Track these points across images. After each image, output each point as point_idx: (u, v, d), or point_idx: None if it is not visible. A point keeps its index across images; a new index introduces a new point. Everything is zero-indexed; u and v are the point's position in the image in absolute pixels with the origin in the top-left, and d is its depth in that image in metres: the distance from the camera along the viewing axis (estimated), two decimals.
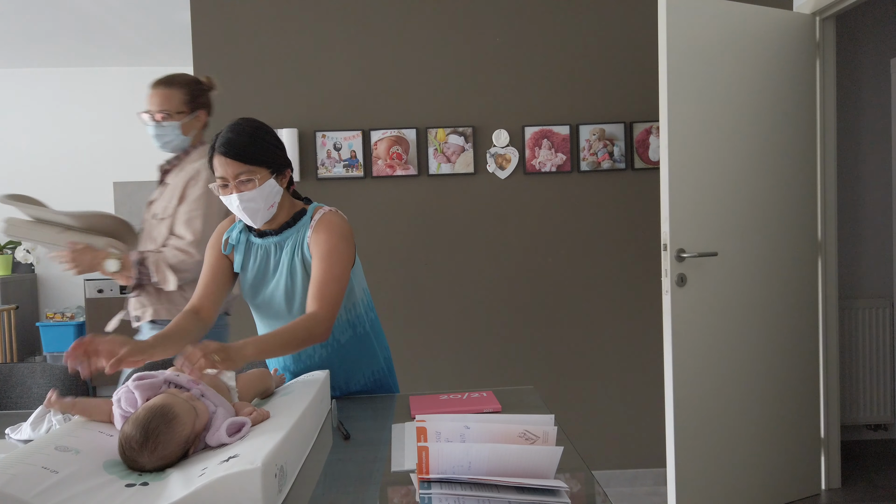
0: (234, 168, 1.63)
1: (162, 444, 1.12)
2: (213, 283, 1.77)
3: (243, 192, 1.64)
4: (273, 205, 1.71)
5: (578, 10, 3.21)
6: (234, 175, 1.63)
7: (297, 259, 1.73)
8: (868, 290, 3.76)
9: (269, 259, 1.76)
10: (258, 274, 1.77)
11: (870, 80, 3.72)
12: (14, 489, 0.94)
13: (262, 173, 1.65)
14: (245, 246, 1.78)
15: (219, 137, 1.66)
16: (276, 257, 1.76)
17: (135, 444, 1.11)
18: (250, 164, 1.63)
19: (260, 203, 1.66)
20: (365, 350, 1.85)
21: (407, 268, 3.22)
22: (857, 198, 3.74)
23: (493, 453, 1.03)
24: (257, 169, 1.64)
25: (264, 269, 1.77)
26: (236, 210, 1.67)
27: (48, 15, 4.13)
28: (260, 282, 1.78)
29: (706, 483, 2.76)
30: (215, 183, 1.67)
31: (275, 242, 1.76)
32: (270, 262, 1.76)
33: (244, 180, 1.63)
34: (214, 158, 1.65)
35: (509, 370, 3.24)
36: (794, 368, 3.00)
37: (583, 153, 3.22)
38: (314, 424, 1.42)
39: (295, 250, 1.73)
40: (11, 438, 1.43)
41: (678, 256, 2.69)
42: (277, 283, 1.75)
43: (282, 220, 1.76)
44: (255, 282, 1.78)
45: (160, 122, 2.33)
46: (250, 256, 1.78)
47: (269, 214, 1.71)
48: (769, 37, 2.89)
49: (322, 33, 3.17)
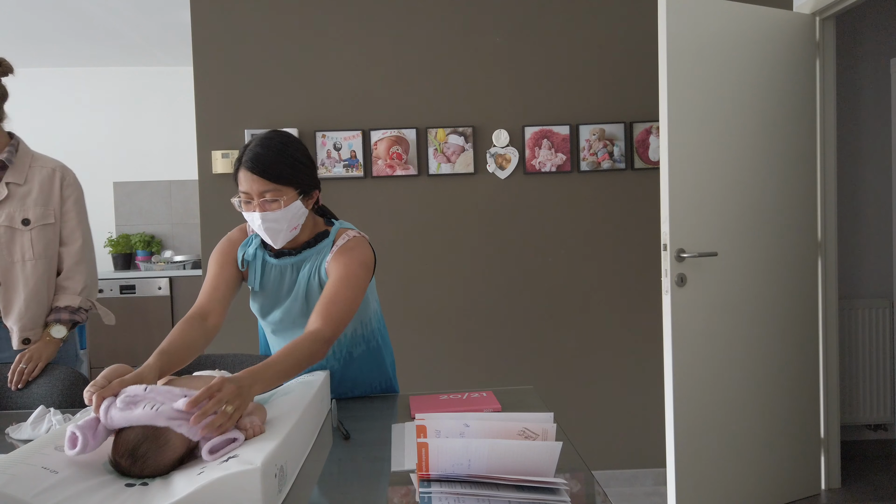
0: (261, 185, 1.55)
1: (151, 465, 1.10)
2: (221, 288, 1.67)
3: (267, 212, 1.56)
4: (297, 227, 1.63)
5: (578, 11, 3.21)
6: (260, 193, 1.55)
7: (315, 281, 1.67)
8: (868, 290, 3.76)
9: (283, 279, 1.70)
10: (272, 294, 1.72)
11: (870, 80, 3.72)
12: (14, 489, 0.94)
13: (288, 194, 1.57)
14: (261, 263, 1.71)
15: (247, 150, 1.57)
16: (292, 278, 1.69)
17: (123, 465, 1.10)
18: (278, 184, 1.55)
19: (283, 224, 1.59)
20: (376, 362, 1.84)
21: (407, 268, 3.22)
22: (857, 198, 3.74)
23: (492, 450, 1.03)
24: (284, 189, 1.56)
25: (278, 289, 1.71)
26: (257, 228, 1.60)
27: (48, 15, 4.13)
28: (273, 302, 1.73)
29: (706, 483, 2.76)
30: (237, 198, 1.60)
31: (291, 263, 1.69)
32: (285, 282, 1.70)
33: (269, 199, 1.55)
34: (240, 172, 1.57)
35: (509, 370, 3.24)
36: (794, 368, 3.00)
37: (583, 153, 3.22)
38: (314, 424, 1.42)
39: (312, 273, 1.67)
40: (11, 438, 1.43)
41: (678, 256, 2.69)
42: (292, 305, 1.70)
43: (302, 239, 1.69)
44: (267, 301, 1.73)
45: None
46: (265, 275, 1.71)
47: (291, 236, 1.64)
48: (769, 37, 2.89)
49: (322, 33, 3.17)
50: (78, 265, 2.11)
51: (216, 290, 1.66)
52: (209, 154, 3.16)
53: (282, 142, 1.59)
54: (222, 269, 1.69)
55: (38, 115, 5.17)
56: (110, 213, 5.33)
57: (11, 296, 2.03)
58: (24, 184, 2.05)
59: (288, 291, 1.71)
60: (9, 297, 2.03)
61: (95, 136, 5.26)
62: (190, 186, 5.29)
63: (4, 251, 2.02)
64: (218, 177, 3.17)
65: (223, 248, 1.74)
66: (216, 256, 1.72)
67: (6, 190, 2.02)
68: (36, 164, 2.10)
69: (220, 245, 1.75)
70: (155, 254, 5.20)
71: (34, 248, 2.04)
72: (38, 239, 2.05)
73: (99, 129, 5.27)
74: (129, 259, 5.17)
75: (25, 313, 2.03)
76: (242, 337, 2.76)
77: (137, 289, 4.74)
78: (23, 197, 2.05)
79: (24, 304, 2.03)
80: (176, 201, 5.40)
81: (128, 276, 4.80)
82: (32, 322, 2.05)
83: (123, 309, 4.61)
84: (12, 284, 2.03)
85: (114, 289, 4.74)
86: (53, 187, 2.09)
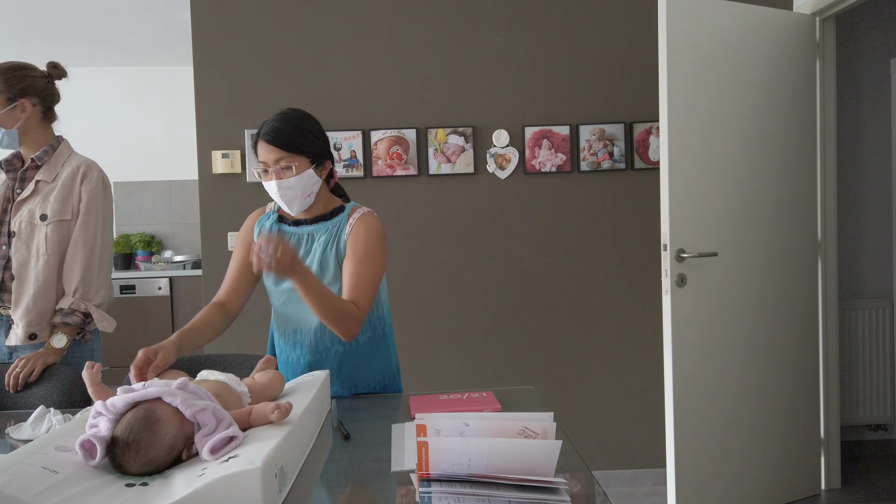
0: (275, 154, 1.70)
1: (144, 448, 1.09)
2: (240, 277, 1.83)
3: (282, 179, 1.71)
4: (311, 194, 1.77)
5: (578, 11, 3.20)
6: (275, 161, 1.70)
7: (332, 251, 1.77)
8: (868, 290, 3.76)
9: (299, 247, 1.81)
10: None
11: (870, 80, 3.72)
12: (14, 489, 0.94)
13: (301, 161, 1.72)
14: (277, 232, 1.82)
15: (265, 125, 1.73)
16: (308, 246, 1.80)
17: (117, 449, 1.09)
18: (290, 152, 1.70)
19: (297, 191, 1.73)
20: (380, 352, 1.86)
21: (407, 268, 3.22)
22: (857, 198, 3.74)
23: (492, 449, 1.03)
24: (297, 157, 1.71)
25: None
26: (274, 195, 1.74)
27: (48, 15, 4.13)
28: None
29: (706, 483, 2.76)
30: (257, 167, 1.74)
31: (308, 232, 1.81)
32: (301, 250, 1.80)
33: (284, 167, 1.70)
34: (259, 144, 1.73)
35: (509, 370, 3.24)
36: (794, 368, 3.00)
37: (583, 153, 3.22)
38: (314, 424, 1.42)
39: (329, 242, 1.78)
40: (11, 438, 1.43)
41: (678, 256, 2.69)
42: None
43: (318, 211, 1.82)
44: None
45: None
46: None
47: (306, 203, 1.77)
48: (769, 37, 2.89)
49: (322, 33, 3.17)
50: (72, 265, 2.08)
51: (233, 281, 1.83)
52: (209, 154, 3.16)
53: (296, 115, 1.76)
54: (240, 256, 1.84)
55: None
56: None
57: (22, 290, 2.06)
58: (51, 181, 2.10)
59: (304, 258, 1.79)
60: (20, 291, 2.06)
61: (95, 136, 5.25)
62: (190, 186, 5.29)
63: (23, 246, 2.06)
64: (218, 177, 3.17)
65: (243, 231, 1.89)
66: (238, 242, 1.88)
67: (33, 187, 2.08)
68: (69, 162, 2.14)
69: (241, 229, 1.90)
70: (155, 254, 5.20)
71: (48, 243, 2.06)
72: (52, 235, 2.06)
73: (99, 129, 5.27)
74: (129, 259, 5.17)
75: (32, 308, 2.05)
76: (244, 337, 2.76)
77: (137, 289, 4.74)
78: (47, 194, 2.09)
79: (32, 299, 2.04)
80: (176, 201, 5.40)
81: (128, 276, 4.80)
82: (39, 318, 2.06)
83: (123, 309, 4.61)
84: (25, 279, 2.06)
85: (114, 289, 4.73)
86: (74, 183, 2.10)
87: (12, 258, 2.06)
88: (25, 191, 2.08)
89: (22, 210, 2.07)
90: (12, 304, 2.06)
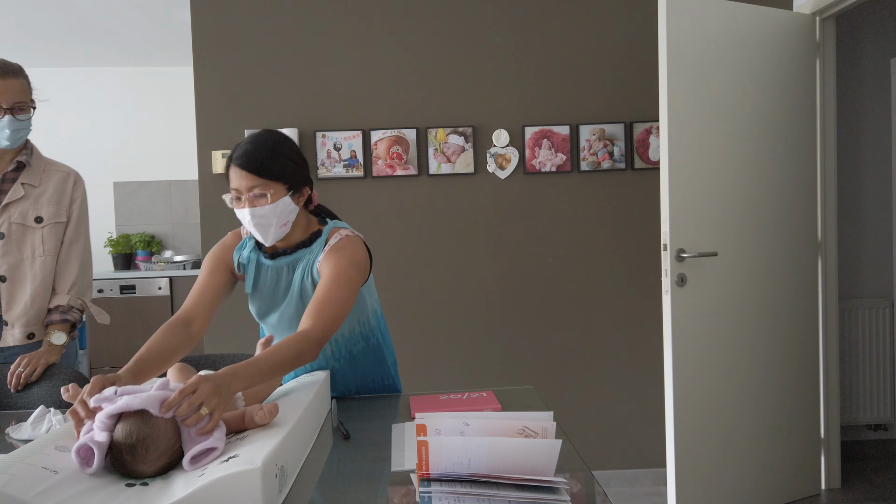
0: (249, 181, 1.57)
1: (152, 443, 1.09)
2: (209, 294, 1.68)
3: (255, 208, 1.58)
4: (286, 223, 1.64)
5: (578, 11, 3.21)
6: (248, 188, 1.57)
7: (308, 282, 1.67)
8: (868, 290, 3.76)
9: (279, 280, 1.70)
10: (268, 296, 1.72)
11: (870, 80, 3.72)
12: (14, 489, 0.94)
13: (276, 188, 1.59)
14: (255, 266, 1.72)
15: (237, 148, 1.60)
16: (288, 278, 1.70)
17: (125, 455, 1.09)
18: (265, 179, 1.57)
19: (272, 220, 1.60)
20: (376, 359, 1.83)
21: (407, 268, 3.22)
22: (857, 198, 3.74)
23: (492, 448, 1.03)
24: (272, 184, 1.58)
25: (274, 291, 1.71)
26: (248, 225, 1.61)
27: (48, 15, 4.13)
28: (270, 304, 1.72)
29: (706, 483, 2.76)
30: (228, 195, 1.61)
31: (287, 263, 1.69)
32: (281, 283, 1.70)
33: (258, 195, 1.57)
34: (231, 169, 1.60)
35: (509, 370, 3.24)
36: (794, 368, 3.00)
37: (583, 153, 3.22)
38: (314, 424, 1.42)
39: (305, 273, 1.67)
40: (11, 438, 1.43)
41: (678, 256, 2.69)
42: (287, 306, 1.69)
43: (297, 238, 1.70)
44: (265, 303, 1.73)
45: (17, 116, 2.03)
46: (260, 277, 1.72)
47: (282, 233, 1.65)
48: (769, 37, 2.89)
49: (322, 33, 3.17)
50: (66, 264, 2.14)
51: (203, 296, 1.67)
52: (209, 154, 3.16)
53: (271, 139, 1.63)
54: (212, 274, 1.70)
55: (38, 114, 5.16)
56: (110, 213, 5.33)
57: (16, 291, 2.07)
58: (38, 185, 2.12)
59: (284, 292, 1.71)
60: (13, 292, 2.07)
61: (95, 136, 5.26)
62: (190, 186, 5.29)
63: (14, 248, 2.07)
64: (218, 177, 3.17)
65: (216, 252, 1.75)
66: (208, 261, 1.74)
67: (22, 190, 2.09)
68: (51, 168, 2.18)
69: (214, 250, 1.76)
70: (155, 254, 5.20)
71: (45, 244, 2.10)
72: (49, 236, 2.11)
73: (99, 129, 5.27)
74: (129, 259, 5.17)
75: (31, 308, 2.07)
76: (243, 337, 2.76)
77: (137, 289, 4.74)
78: (37, 197, 2.11)
79: (31, 298, 2.07)
80: (176, 201, 5.40)
81: (128, 276, 4.79)
82: (37, 317, 2.09)
83: (123, 309, 4.61)
84: (19, 280, 2.07)
85: (114, 289, 4.74)
86: (66, 188, 2.17)
87: (2, 259, 2.05)
88: (12, 194, 2.08)
89: (10, 212, 2.07)
90: (4, 305, 2.06)
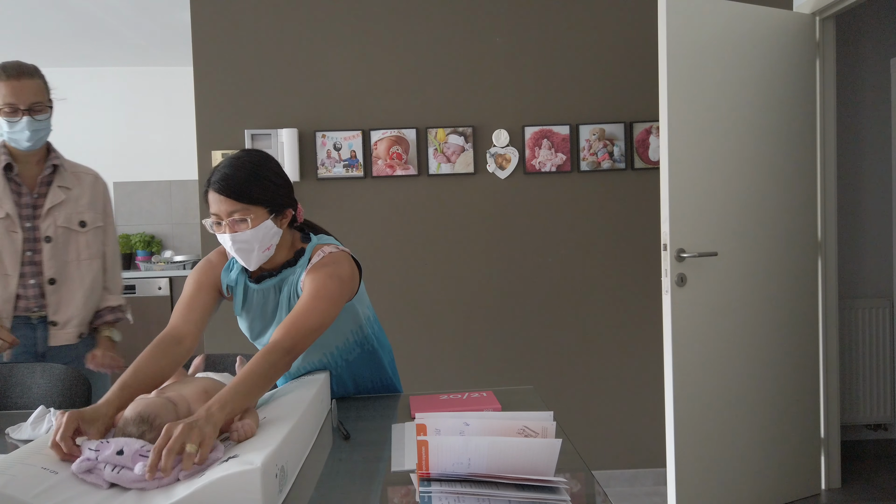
0: (228, 206, 1.51)
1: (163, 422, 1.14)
2: (198, 311, 1.61)
3: (236, 233, 1.52)
4: (270, 247, 1.59)
5: (578, 11, 3.20)
6: (228, 213, 1.51)
7: (294, 301, 1.63)
8: (868, 290, 3.76)
9: (267, 302, 1.67)
10: (258, 318, 1.70)
11: (870, 80, 3.72)
12: (14, 489, 0.94)
13: (257, 213, 1.53)
14: (243, 289, 1.68)
15: (216, 171, 1.54)
16: (275, 299, 1.67)
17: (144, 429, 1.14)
18: (245, 203, 1.51)
19: (254, 244, 1.55)
20: (373, 364, 1.83)
21: (407, 268, 3.22)
22: (857, 198, 3.74)
23: (492, 447, 1.03)
24: (253, 208, 1.52)
25: (262, 312, 1.69)
26: (229, 250, 1.57)
27: (48, 15, 4.13)
28: (261, 326, 1.71)
29: (706, 483, 2.76)
30: (209, 219, 1.56)
31: (273, 285, 1.66)
32: (269, 305, 1.67)
33: (238, 220, 1.51)
34: (209, 194, 1.53)
35: (509, 370, 3.24)
36: (794, 368, 3.00)
37: (583, 153, 3.22)
38: (314, 424, 1.42)
39: (291, 293, 1.64)
40: (11, 438, 1.43)
41: (678, 256, 2.69)
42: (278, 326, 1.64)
43: (281, 259, 1.65)
44: (255, 325, 1.71)
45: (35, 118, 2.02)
46: (247, 300, 1.69)
47: (265, 257, 1.60)
48: (769, 37, 2.89)
49: (322, 33, 3.17)
50: (114, 267, 2.27)
51: (193, 312, 1.60)
52: (209, 154, 3.16)
53: (251, 161, 1.56)
54: (199, 291, 1.64)
55: None
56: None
57: (65, 293, 2.13)
58: (72, 188, 2.18)
59: (272, 313, 1.68)
60: (62, 294, 2.12)
61: (95, 136, 5.25)
62: (190, 186, 5.29)
63: (61, 251, 2.13)
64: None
65: (201, 269, 1.69)
66: (194, 277, 1.67)
67: (62, 194, 2.14)
68: (77, 170, 2.23)
69: (199, 267, 1.70)
70: (155, 254, 5.20)
71: (90, 248, 2.18)
72: (93, 240, 2.19)
73: (99, 129, 5.27)
74: (129, 259, 5.17)
75: (83, 309, 2.16)
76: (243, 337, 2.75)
77: (137, 289, 4.74)
78: (76, 200, 2.17)
79: (83, 300, 2.15)
80: (176, 201, 5.40)
81: (128, 275, 4.79)
82: (88, 317, 2.19)
83: None
84: (68, 282, 2.13)
85: None
86: (98, 192, 2.25)
87: (48, 263, 2.10)
88: (52, 198, 2.12)
89: (54, 216, 2.12)
90: (54, 307, 2.11)
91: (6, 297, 2.06)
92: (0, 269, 2.06)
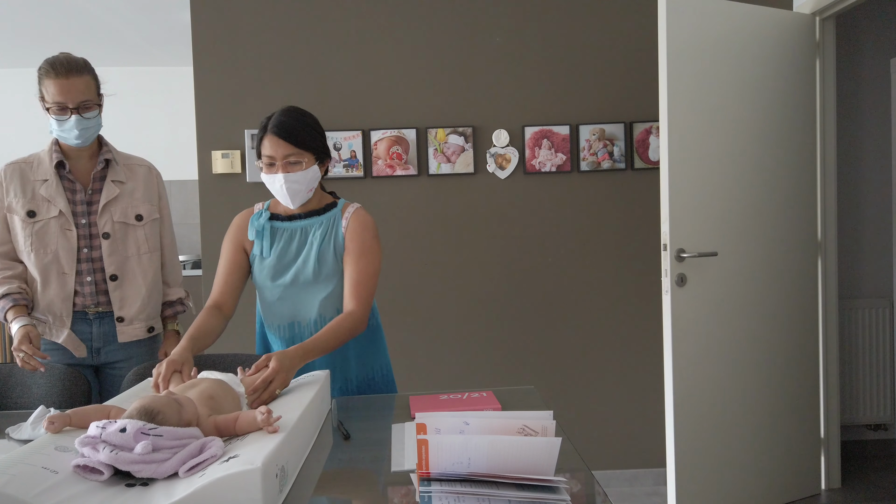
0: (285, 149, 1.74)
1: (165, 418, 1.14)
2: (232, 277, 1.85)
3: (290, 173, 1.74)
4: (311, 189, 1.82)
5: (578, 11, 3.20)
6: (284, 156, 1.74)
7: (329, 246, 1.81)
8: (868, 290, 3.76)
9: (293, 241, 1.84)
10: (282, 255, 1.84)
11: (870, 80, 3.72)
12: (14, 489, 0.94)
13: (308, 158, 1.77)
14: (269, 231, 1.85)
15: (272, 119, 1.76)
16: (302, 239, 1.84)
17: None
18: (299, 148, 1.75)
19: (303, 185, 1.78)
20: (373, 342, 1.92)
21: (407, 268, 3.22)
22: (857, 198, 3.74)
23: (492, 446, 1.03)
24: (305, 153, 1.76)
25: (287, 250, 1.84)
26: (278, 189, 1.77)
27: (48, 15, 4.13)
28: (284, 264, 1.83)
29: (706, 483, 2.76)
30: (261, 161, 1.77)
31: (301, 227, 1.84)
32: (294, 244, 1.84)
33: (292, 162, 1.74)
34: (266, 138, 1.75)
35: (509, 370, 3.24)
36: (794, 368, 3.00)
37: (583, 153, 3.22)
38: (314, 424, 1.42)
39: (326, 236, 1.82)
40: (11, 438, 1.43)
41: (678, 256, 2.69)
42: (305, 265, 1.81)
43: (311, 206, 1.86)
44: (278, 264, 1.83)
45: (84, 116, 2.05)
46: (274, 240, 1.84)
47: (306, 198, 1.82)
48: (769, 37, 2.89)
49: (322, 33, 3.17)
50: (172, 258, 2.26)
51: (229, 278, 1.84)
52: (209, 154, 3.16)
53: (301, 112, 1.81)
54: (234, 254, 1.86)
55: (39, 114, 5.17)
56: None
57: (129, 288, 2.12)
58: (126, 182, 2.15)
59: (297, 253, 1.83)
60: (125, 289, 2.11)
61: None
62: (190, 186, 5.29)
63: (120, 246, 2.11)
64: (218, 177, 3.17)
65: (231, 232, 1.89)
66: (227, 242, 1.88)
67: (117, 189, 2.12)
68: (130, 162, 2.21)
69: (229, 234, 1.89)
70: None
71: (149, 242, 2.16)
72: (150, 234, 2.17)
73: None
74: None
75: (149, 303, 2.16)
76: (241, 337, 2.76)
77: None
78: (130, 193, 2.15)
79: (147, 294, 2.15)
80: (176, 201, 5.39)
81: None
82: (155, 311, 2.20)
83: None
84: (130, 277, 2.12)
85: None
86: (152, 184, 2.22)
87: (109, 259, 2.08)
88: (107, 192, 2.10)
89: (110, 212, 2.09)
90: (119, 303, 2.10)
91: (64, 295, 2.04)
92: (57, 268, 2.04)
